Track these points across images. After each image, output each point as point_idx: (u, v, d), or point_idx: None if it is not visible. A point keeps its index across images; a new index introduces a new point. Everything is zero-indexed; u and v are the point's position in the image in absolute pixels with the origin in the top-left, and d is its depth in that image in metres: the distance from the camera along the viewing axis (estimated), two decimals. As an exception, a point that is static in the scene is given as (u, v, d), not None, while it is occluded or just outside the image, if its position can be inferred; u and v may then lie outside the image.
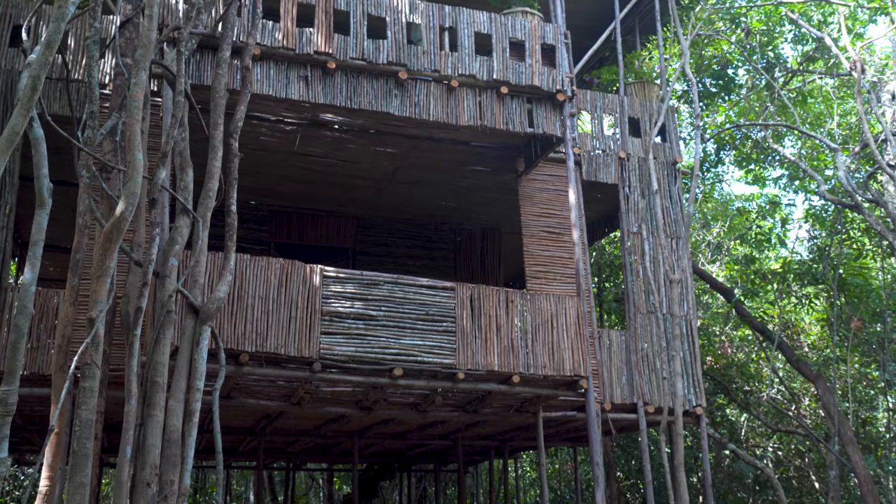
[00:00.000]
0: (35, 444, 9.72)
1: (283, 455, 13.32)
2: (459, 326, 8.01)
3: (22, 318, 3.56)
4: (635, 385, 9.30)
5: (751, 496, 14.39)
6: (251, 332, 7.14)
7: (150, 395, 5.54)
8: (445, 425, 10.52)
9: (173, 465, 5.48)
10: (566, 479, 18.01)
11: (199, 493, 18.78)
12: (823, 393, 11.52)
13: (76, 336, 5.77)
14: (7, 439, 3.52)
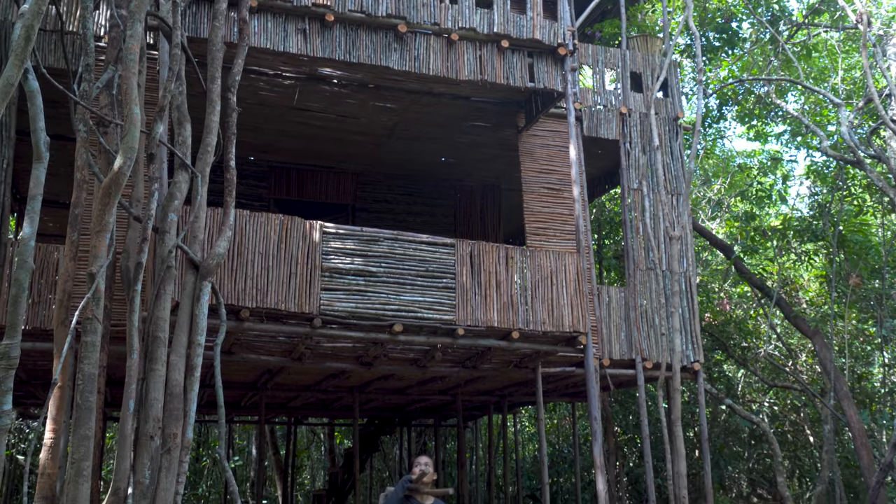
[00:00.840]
0: (39, 398, 9.81)
1: (284, 410, 13.46)
2: (459, 283, 8.03)
3: (22, 272, 3.55)
4: (634, 341, 9.35)
5: (746, 450, 14.58)
6: (251, 287, 7.16)
7: (151, 349, 5.56)
8: (445, 381, 10.61)
9: (176, 418, 5.53)
10: (564, 433, 18.23)
11: (201, 446, 19.03)
12: (820, 349, 11.60)
13: (77, 291, 5.78)
14: (10, 392, 3.54)
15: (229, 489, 10.55)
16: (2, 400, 3.45)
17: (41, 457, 5.30)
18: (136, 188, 6.21)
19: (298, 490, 20.02)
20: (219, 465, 18.48)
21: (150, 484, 5.28)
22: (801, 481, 14.90)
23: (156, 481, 5.32)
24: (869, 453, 10.77)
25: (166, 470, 5.36)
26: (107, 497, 5.27)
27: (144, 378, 5.51)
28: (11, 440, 11.48)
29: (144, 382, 5.50)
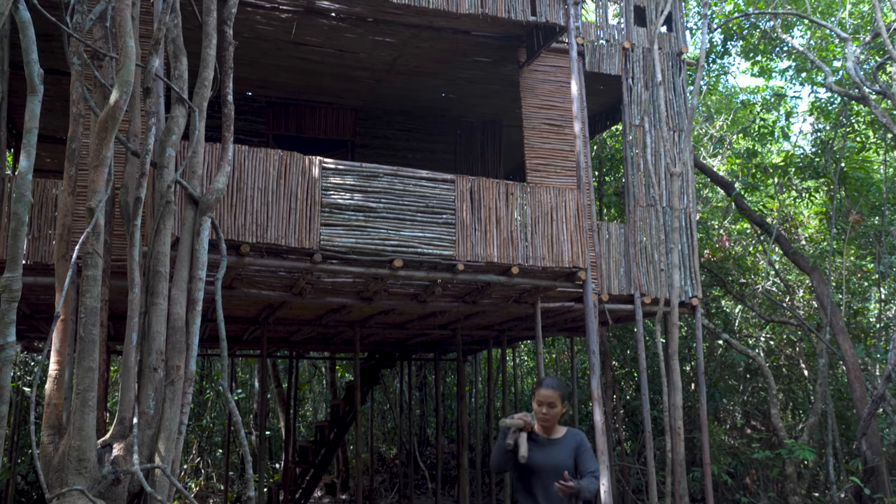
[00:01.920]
0: (42, 331, 9.94)
1: (286, 344, 13.63)
2: (459, 219, 8.04)
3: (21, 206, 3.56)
4: (633, 277, 9.41)
5: (741, 383, 14.80)
6: (251, 223, 7.17)
7: (152, 284, 5.61)
8: (445, 315, 10.71)
9: (178, 351, 5.60)
10: (563, 367, 18.49)
11: (205, 379, 19.33)
12: (818, 284, 11.67)
13: (76, 226, 5.80)
14: (14, 324, 3.59)
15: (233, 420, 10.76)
16: (5, 332, 3.50)
17: (46, 388, 5.39)
18: (132, 123, 6.17)
19: (301, 421, 20.43)
20: (222, 398, 18.82)
21: (154, 414, 5.39)
22: (794, 413, 15.18)
23: (160, 412, 5.43)
24: (862, 386, 10.94)
25: (170, 401, 5.46)
26: (112, 426, 5.38)
27: (146, 312, 5.57)
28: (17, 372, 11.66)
29: (146, 316, 5.56)
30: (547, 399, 4.43)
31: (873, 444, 10.42)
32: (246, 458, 5.67)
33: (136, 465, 5.00)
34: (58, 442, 5.18)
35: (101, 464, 5.03)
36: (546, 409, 4.44)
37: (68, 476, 4.81)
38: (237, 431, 5.97)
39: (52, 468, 5.01)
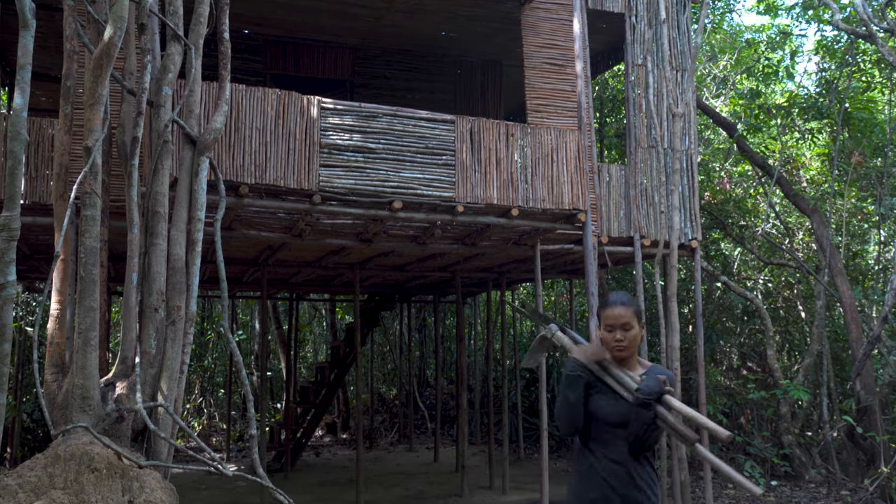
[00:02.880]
0: (43, 272, 9.96)
1: (286, 286, 13.68)
2: (459, 160, 7.98)
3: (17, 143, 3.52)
4: (633, 219, 9.39)
5: (738, 325, 14.91)
6: (250, 163, 7.12)
7: (151, 224, 5.58)
8: (444, 258, 10.72)
9: (179, 291, 5.61)
10: (561, 310, 18.60)
11: (206, 321, 19.47)
12: (818, 226, 11.66)
13: (73, 166, 5.75)
14: (14, 264, 3.58)
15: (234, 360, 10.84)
16: (5, 271, 3.49)
17: (48, 327, 5.42)
18: (128, 60, 6.07)
19: (301, 363, 20.64)
20: (223, 339, 18.99)
21: (156, 354, 5.42)
22: (790, 355, 15.34)
23: (161, 352, 5.46)
24: (858, 327, 11.02)
25: (171, 341, 5.49)
26: (114, 366, 5.42)
27: (146, 252, 5.55)
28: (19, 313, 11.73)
29: (146, 257, 5.55)
30: (620, 320, 3.43)
31: (867, 385, 10.54)
32: (247, 397, 5.73)
33: (139, 404, 5.05)
34: (61, 380, 5.22)
35: (104, 402, 5.08)
36: (620, 333, 3.43)
37: (72, 414, 4.87)
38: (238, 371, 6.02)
39: (56, 406, 5.06)
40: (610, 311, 3.46)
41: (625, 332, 3.43)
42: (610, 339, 3.45)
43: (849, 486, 10.42)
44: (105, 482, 4.48)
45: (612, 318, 3.44)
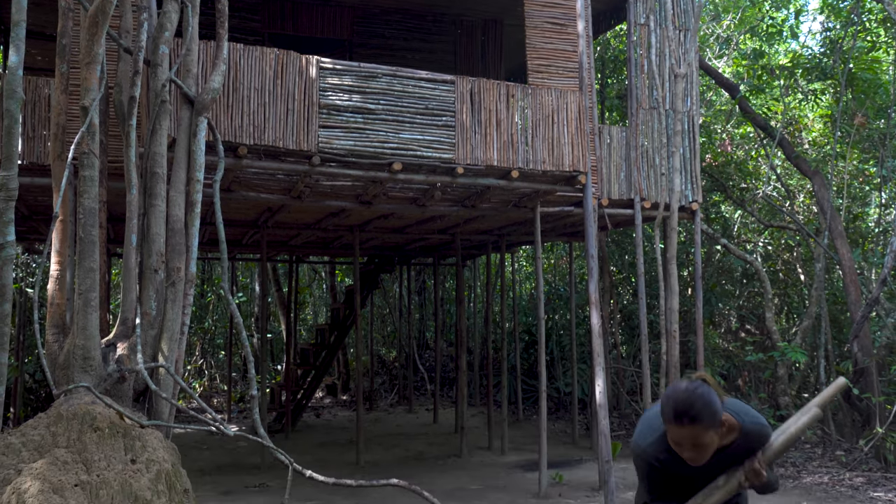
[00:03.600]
0: (42, 233, 9.95)
1: (285, 248, 13.67)
2: (459, 121, 7.92)
3: (13, 102, 3.48)
4: (633, 181, 9.35)
5: (738, 288, 14.95)
6: (248, 124, 7.06)
7: (150, 185, 5.55)
8: (444, 220, 10.70)
9: (178, 253, 5.60)
10: (561, 273, 18.63)
11: (205, 283, 19.50)
12: (819, 188, 11.62)
13: (71, 126, 5.70)
14: (12, 223, 3.56)
15: (234, 321, 10.86)
16: (4, 231, 3.48)
17: (48, 288, 5.42)
18: (123, 18, 5.98)
19: (301, 325, 20.73)
20: (223, 301, 19.04)
21: (156, 315, 5.43)
22: (788, 318, 15.40)
23: (162, 313, 5.47)
24: (857, 289, 11.04)
25: (171, 302, 5.49)
26: (115, 327, 5.43)
27: (145, 214, 5.53)
28: (19, 274, 11.74)
29: (145, 218, 5.53)
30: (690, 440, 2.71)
31: (865, 347, 10.59)
32: (248, 358, 5.75)
33: (140, 364, 5.07)
34: (62, 341, 5.24)
35: (105, 362, 5.10)
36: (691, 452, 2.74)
37: (74, 374, 4.89)
38: (239, 333, 6.04)
39: (57, 366, 5.08)
40: (676, 430, 2.71)
41: (698, 450, 2.72)
42: (680, 452, 2.78)
43: (844, 446, 10.53)
44: (107, 441, 4.51)
45: (680, 438, 2.72)
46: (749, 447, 2.85)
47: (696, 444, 2.69)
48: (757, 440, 2.85)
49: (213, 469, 10.08)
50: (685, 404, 2.66)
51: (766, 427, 2.89)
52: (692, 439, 2.68)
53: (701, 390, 2.69)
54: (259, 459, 10.16)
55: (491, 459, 10.84)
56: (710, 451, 2.74)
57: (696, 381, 2.74)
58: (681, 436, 2.69)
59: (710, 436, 2.68)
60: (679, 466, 2.85)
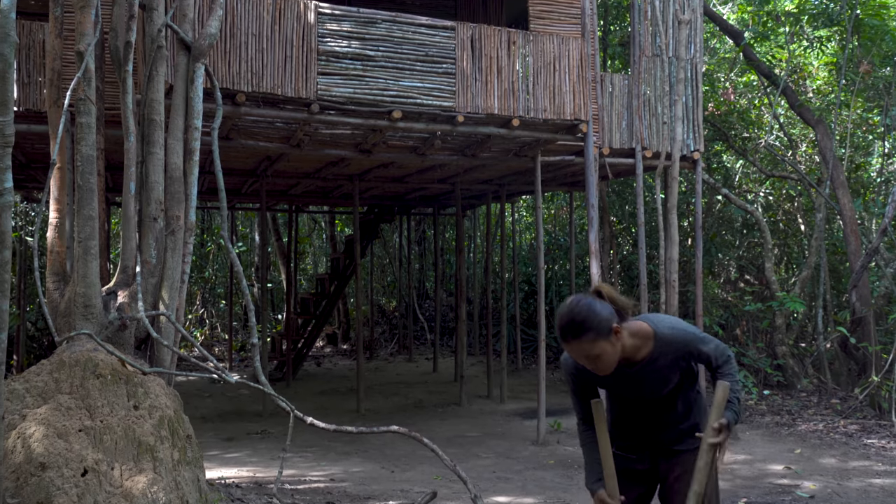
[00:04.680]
0: (40, 181, 9.91)
1: (285, 197, 13.63)
2: (459, 68, 7.82)
3: (6, 46, 3.41)
4: (635, 130, 9.27)
5: (738, 238, 14.95)
6: (246, 71, 6.97)
7: (147, 133, 5.50)
8: (444, 169, 10.65)
9: (178, 201, 5.57)
10: (561, 223, 18.61)
11: (205, 232, 19.50)
12: (822, 138, 11.54)
13: (66, 72, 5.63)
14: (10, 170, 3.52)
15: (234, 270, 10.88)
16: (2, 177, 3.44)
17: (48, 236, 5.41)
18: (117, -39, 5.86)
19: (301, 275, 20.79)
20: (223, 251, 19.06)
21: (156, 263, 5.43)
22: (787, 268, 15.44)
23: (162, 261, 5.47)
24: (857, 239, 11.04)
25: (171, 250, 5.48)
26: (115, 275, 5.44)
27: (143, 161, 5.49)
28: (18, 222, 11.72)
29: (143, 166, 5.49)
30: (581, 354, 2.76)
31: (863, 296, 10.64)
32: (248, 307, 5.76)
33: (142, 312, 5.08)
34: (63, 289, 5.25)
35: (106, 310, 5.12)
36: (591, 364, 2.79)
37: (75, 322, 4.91)
38: (239, 282, 6.05)
39: (59, 314, 5.10)
40: (566, 346, 2.77)
41: (597, 360, 2.76)
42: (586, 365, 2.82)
43: (839, 394, 10.65)
44: (110, 387, 4.55)
45: (572, 353, 2.79)
46: (677, 356, 2.86)
47: (589, 356, 2.72)
48: (682, 346, 2.85)
49: (215, 416, 10.20)
50: (565, 320, 2.70)
51: (688, 332, 2.88)
52: (584, 352, 2.71)
53: (581, 304, 2.70)
54: (260, 407, 10.27)
55: (490, 407, 10.97)
56: (611, 360, 2.76)
57: (579, 295, 2.75)
58: (573, 351, 2.73)
59: (601, 346, 2.70)
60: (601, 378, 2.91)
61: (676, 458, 3.03)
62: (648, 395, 2.97)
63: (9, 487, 4.04)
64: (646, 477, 3.09)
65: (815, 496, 6.26)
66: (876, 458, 7.60)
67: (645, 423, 3.04)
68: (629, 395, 2.99)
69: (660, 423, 3.03)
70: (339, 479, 6.81)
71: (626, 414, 3.06)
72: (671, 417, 3.02)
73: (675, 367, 2.90)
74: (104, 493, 4.12)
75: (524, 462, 7.71)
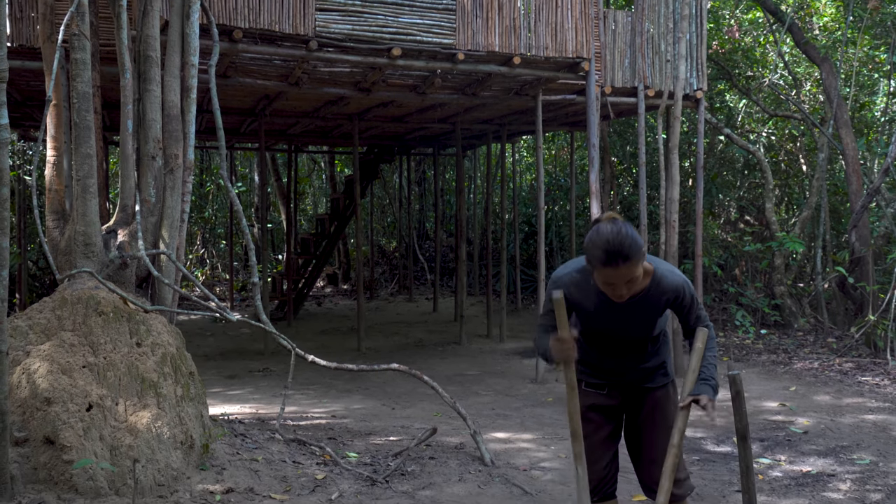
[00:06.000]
0: (37, 119, 9.84)
1: (284, 137, 13.54)
2: (460, 4, 7.67)
3: (-3, -22, 3.35)
4: (637, 68, 9.15)
5: (739, 179, 14.89)
6: (243, 6, 6.85)
7: (144, 69, 5.43)
8: (444, 108, 10.55)
9: (175, 139, 5.54)
10: (562, 163, 18.52)
11: (204, 172, 19.43)
12: (827, 76, 11.39)
13: (59, 7, 5.53)
14: (4, 106, 3.49)
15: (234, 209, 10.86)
16: (-2, 114, 3.42)
17: (46, 174, 5.39)
18: None
19: (301, 215, 20.78)
20: (223, 191, 19.02)
21: (156, 202, 5.42)
22: (788, 208, 15.41)
23: (161, 200, 5.46)
24: (859, 179, 11.00)
25: (170, 189, 5.47)
26: (115, 214, 5.43)
27: (140, 99, 5.44)
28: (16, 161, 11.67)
29: (140, 103, 5.44)
30: (624, 278, 2.76)
31: (862, 236, 10.64)
32: (249, 247, 5.78)
33: (142, 250, 5.10)
34: (63, 227, 5.25)
35: (106, 249, 5.13)
36: (623, 289, 2.81)
37: (76, 260, 4.92)
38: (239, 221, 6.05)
39: (59, 252, 5.11)
40: (611, 271, 2.73)
41: (629, 285, 2.79)
42: (611, 292, 2.84)
43: (835, 334, 10.75)
44: (112, 325, 4.59)
45: (615, 278, 2.75)
46: (668, 297, 2.94)
47: (630, 281, 2.77)
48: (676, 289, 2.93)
49: (217, 355, 10.32)
50: (616, 244, 2.70)
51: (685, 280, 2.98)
52: (626, 276, 2.74)
53: (626, 229, 2.75)
54: (262, 346, 10.38)
55: (489, 347, 11.09)
56: (638, 285, 2.84)
57: (614, 222, 2.78)
58: (616, 275, 2.74)
59: (640, 269, 2.78)
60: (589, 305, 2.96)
61: (646, 396, 3.13)
62: (633, 332, 3.03)
63: (15, 421, 4.11)
64: (614, 413, 3.17)
65: (808, 432, 6.37)
66: (869, 395, 7.71)
67: (617, 362, 3.12)
68: (612, 329, 3.03)
69: (631, 363, 3.11)
70: (341, 416, 6.92)
71: (600, 352, 3.13)
72: (641, 358, 3.10)
73: (663, 308, 2.98)
74: (109, 427, 4.19)
75: (523, 399, 7.83)
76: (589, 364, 3.15)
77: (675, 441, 2.86)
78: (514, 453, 5.69)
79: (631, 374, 3.12)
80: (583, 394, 3.12)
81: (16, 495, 3.85)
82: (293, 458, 5.10)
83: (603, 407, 3.14)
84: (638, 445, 3.17)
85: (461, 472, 5.10)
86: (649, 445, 3.10)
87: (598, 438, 3.13)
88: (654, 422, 3.09)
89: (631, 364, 3.10)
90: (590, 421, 3.11)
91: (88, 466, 3.96)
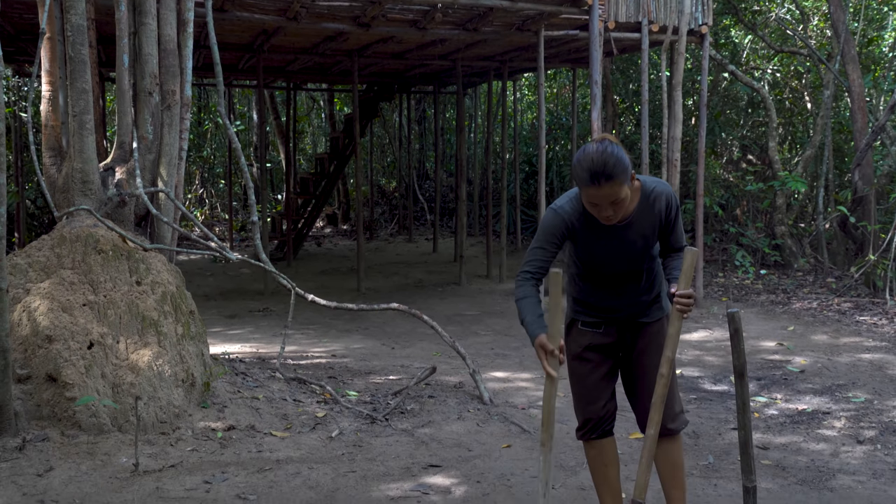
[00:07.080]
0: (31, 54, 9.69)
1: (282, 74, 13.35)
2: (461, -65, 7.47)
3: None
4: (642, 2, 8.95)
5: (742, 117, 14.73)
6: (237, -63, 6.67)
7: (139, 2, 5.30)
8: (445, 45, 10.37)
9: (173, 75, 5.44)
10: (563, 102, 18.30)
11: (202, 111, 19.22)
12: (835, 10, 11.14)
13: (49, -63, 5.36)
14: (-5, 40, 3.41)
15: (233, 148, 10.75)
16: (-12, 47, 3.34)
17: (42, 110, 5.31)
18: None
19: (300, 154, 20.64)
20: (221, 130, 18.84)
21: (153, 139, 5.35)
22: (791, 147, 15.27)
23: (159, 137, 5.39)
24: (864, 117, 10.85)
25: (168, 126, 5.40)
26: (112, 150, 5.37)
27: (136, 33, 5.32)
28: (11, 97, 11.51)
29: (136, 37, 5.32)
30: (609, 199, 2.77)
31: (865, 175, 10.57)
32: (248, 185, 5.73)
33: (140, 188, 5.05)
34: (60, 164, 5.20)
35: (104, 186, 5.09)
36: (609, 210, 2.82)
37: (74, 198, 4.88)
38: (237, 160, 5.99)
39: (57, 189, 5.07)
40: (594, 191, 2.73)
41: (615, 206, 2.80)
42: (597, 214, 2.84)
43: (835, 273, 10.76)
44: (112, 263, 4.57)
45: (598, 198, 2.76)
46: (658, 206, 2.95)
47: (615, 201, 2.78)
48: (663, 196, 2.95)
49: (217, 294, 10.35)
50: (599, 164, 2.71)
51: (664, 184, 3.00)
52: (610, 197, 2.75)
53: (611, 148, 2.76)
54: (262, 286, 10.40)
55: (489, 287, 11.12)
56: (625, 207, 2.85)
57: (600, 141, 2.79)
58: (599, 195, 2.75)
59: (625, 190, 2.78)
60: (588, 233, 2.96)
61: (642, 330, 3.13)
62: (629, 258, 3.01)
63: (17, 359, 4.13)
64: (612, 350, 3.16)
65: (804, 371, 6.42)
66: (867, 335, 7.76)
67: (613, 296, 3.11)
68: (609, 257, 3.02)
69: (626, 297, 3.10)
70: (341, 356, 6.97)
71: (596, 288, 3.12)
72: (637, 290, 3.09)
73: (657, 223, 2.98)
74: (111, 365, 4.22)
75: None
76: (585, 303, 3.16)
77: (663, 371, 2.86)
78: (513, 392, 5.75)
79: (627, 308, 3.10)
80: (579, 333, 3.14)
81: (20, 431, 3.90)
82: (294, 397, 5.15)
83: (600, 346, 3.14)
84: (633, 382, 3.18)
85: (460, 410, 5.15)
86: (645, 380, 3.10)
87: (596, 377, 3.13)
88: (650, 356, 3.08)
89: (627, 299, 3.09)
90: (587, 361, 3.13)
91: (91, 403, 4.00)
